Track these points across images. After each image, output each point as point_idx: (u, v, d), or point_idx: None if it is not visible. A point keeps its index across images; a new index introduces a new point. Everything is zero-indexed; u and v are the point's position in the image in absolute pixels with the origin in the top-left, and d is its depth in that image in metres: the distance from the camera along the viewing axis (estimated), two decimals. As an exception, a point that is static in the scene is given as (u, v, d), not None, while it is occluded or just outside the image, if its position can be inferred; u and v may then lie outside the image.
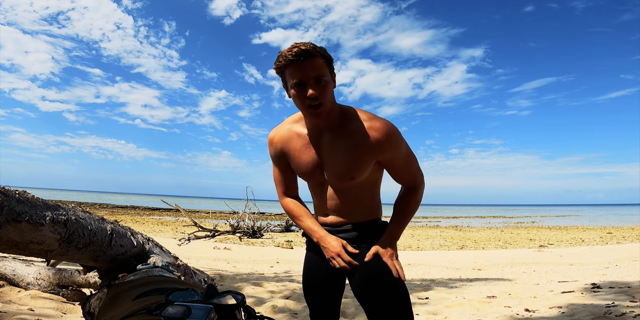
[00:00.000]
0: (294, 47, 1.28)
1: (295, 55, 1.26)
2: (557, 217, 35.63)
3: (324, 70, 1.30)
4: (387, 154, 1.36)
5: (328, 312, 1.54)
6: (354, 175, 1.37)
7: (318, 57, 1.29)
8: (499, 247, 10.98)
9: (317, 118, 1.34)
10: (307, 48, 1.27)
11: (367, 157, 1.35)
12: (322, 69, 1.30)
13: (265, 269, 6.03)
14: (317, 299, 1.53)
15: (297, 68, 1.28)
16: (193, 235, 10.99)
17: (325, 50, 1.32)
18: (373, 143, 1.33)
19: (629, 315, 2.62)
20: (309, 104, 1.30)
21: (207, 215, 21.73)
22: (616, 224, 22.72)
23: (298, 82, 1.29)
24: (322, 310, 1.54)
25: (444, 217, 35.43)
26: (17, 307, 2.51)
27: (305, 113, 1.35)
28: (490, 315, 3.03)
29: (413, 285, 4.53)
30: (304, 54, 1.26)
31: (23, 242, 1.39)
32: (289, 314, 3.01)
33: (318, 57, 1.29)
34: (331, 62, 1.35)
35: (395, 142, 1.36)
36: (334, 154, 1.38)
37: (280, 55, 1.31)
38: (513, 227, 20.65)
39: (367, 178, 1.41)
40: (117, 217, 19.14)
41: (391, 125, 1.36)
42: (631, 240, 12.05)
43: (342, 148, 1.36)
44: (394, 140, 1.35)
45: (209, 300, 0.88)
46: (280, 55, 1.31)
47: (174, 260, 2.18)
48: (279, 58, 1.31)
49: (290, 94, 1.34)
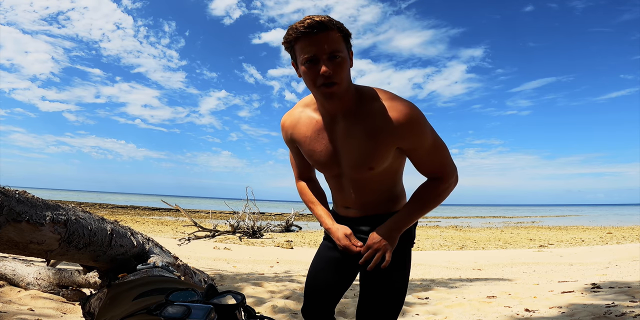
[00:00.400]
0: (307, 18, 1.12)
1: (308, 27, 1.10)
2: (557, 217, 35.61)
3: (340, 45, 1.14)
4: (410, 140, 1.19)
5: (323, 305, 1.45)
6: (372, 166, 1.23)
7: (334, 30, 1.13)
8: (499, 247, 10.97)
9: (331, 99, 1.17)
10: (321, 19, 1.11)
11: (387, 143, 1.19)
12: (337, 43, 1.13)
13: (265, 269, 6.02)
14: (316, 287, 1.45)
15: (310, 41, 1.12)
16: (193, 235, 10.99)
17: (342, 25, 1.16)
18: (393, 127, 1.16)
19: (629, 315, 2.62)
20: (322, 83, 1.14)
21: (207, 215, 21.72)
22: (616, 224, 22.70)
23: (310, 57, 1.13)
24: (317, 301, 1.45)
25: (444, 217, 35.40)
26: (17, 307, 2.51)
27: (318, 94, 1.19)
28: (490, 315, 3.03)
29: (413, 285, 4.53)
30: (317, 25, 1.10)
31: (23, 242, 1.39)
32: (289, 314, 3.00)
33: (334, 30, 1.13)
34: (349, 38, 1.18)
35: (419, 127, 1.18)
36: (349, 142, 1.23)
37: (290, 28, 1.14)
38: (513, 227, 20.63)
39: (388, 167, 1.27)
40: (117, 217, 19.13)
41: (415, 107, 1.19)
42: (631, 240, 12.04)
43: (359, 134, 1.21)
44: (417, 124, 1.18)
45: (209, 300, 0.88)
46: (290, 27, 1.14)
47: (174, 260, 2.18)
48: (289, 31, 1.15)
49: (301, 71, 1.18)
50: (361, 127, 1.20)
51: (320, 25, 1.10)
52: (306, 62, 1.14)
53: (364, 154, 1.22)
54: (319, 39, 1.11)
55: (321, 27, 1.11)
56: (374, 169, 1.24)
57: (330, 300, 1.47)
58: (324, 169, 1.34)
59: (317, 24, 1.10)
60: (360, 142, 1.21)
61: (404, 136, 1.18)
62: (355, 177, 1.29)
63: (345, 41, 1.16)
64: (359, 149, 1.22)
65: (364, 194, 1.33)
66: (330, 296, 1.46)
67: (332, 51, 1.12)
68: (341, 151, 1.26)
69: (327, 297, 1.46)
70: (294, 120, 1.34)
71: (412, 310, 3.22)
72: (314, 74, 1.14)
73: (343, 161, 1.28)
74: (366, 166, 1.24)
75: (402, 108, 1.17)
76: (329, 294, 1.46)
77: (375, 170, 1.24)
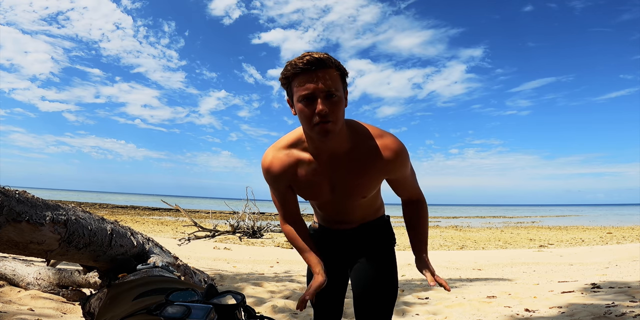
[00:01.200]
0: (305, 55, 1.12)
1: (307, 64, 1.10)
2: (557, 217, 35.61)
3: (337, 83, 1.14)
4: (398, 172, 1.31)
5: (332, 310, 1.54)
6: (365, 195, 1.34)
7: (332, 68, 1.13)
8: (499, 247, 10.97)
9: (326, 137, 1.15)
10: (320, 57, 1.11)
11: (379, 177, 1.31)
12: (335, 82, 1.13)
13: (265, 269, 6.03)
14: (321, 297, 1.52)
15: (308, 78, 1.11)
16: (193, 235, 10.99)
17: (340, 63, 1.16)
18: (386, 162, 1.26)
19: (629, 315, 2.62)
20: (318, 121, 1.12)
21: (207, 215, 21.72)
22: (616, 224, 22.70)
23: (307, 95, 1.11)
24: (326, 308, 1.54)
25: (444, 217, 35.41)
26: (17, 307, 2.51)
27: (312, 132, 1.17)
28: (490, 315, 3.03)
29: (413, 285, 4.53)
30: (316, 62, 1.10)
31: (23, 242, 1.39)
32: (289, 314, 3.01)
33: (332, 68, 1.13)
34: (346, 77, 1.18)
35: (406, 160, 1.30)
36: (345, 177, 1.29)
37: (288, 64, 1.14)
38: (513, 227, 20.63)
39: None
40: (117, 217, 19.12)
41: (401, 142, 1.29)
42: (631, 240, 12.04)
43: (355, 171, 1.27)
44: (405, 158, 1.29)
45: (209, 300, 0.88)
46: (288, 63, 1.14)
47: (174, 260, 2.18)
48: (287, 66, 1.14)
49: (296, 109, 1.16)
50: (356, 164, 1.27)
51: (319, 63, 1.10)
52: (303, 100, 1.13)
53: (358, 188, 1.31)
54: (317, 76, 1.10)
55: (320, 64, 1.10)
56: (366, 197, 1.36)
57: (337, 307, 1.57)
58: (317, 199, 1.40)
59: (316, 61, 1.10)
60: (356, 178, 1.29)
61: (395, 170, 1.30)
62: (348, 204, 1.39)
63: (342, 80, 1.17)
64: (354, 184, 1.30)
65: (355, 212, 1.45)
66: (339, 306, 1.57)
67: (329, 90, 1.11)
68: (337, 185, 1.32)
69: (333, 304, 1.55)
70: (284, 162, 1.30)
71: (412, 310, 3.22)
72: (310, 112, 1.13)
73: (337, 193, 1.34)
74: (360, 196, 1.34)
75: (393, 146, 1.26)
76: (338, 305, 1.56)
77: (366, 197, 1.36)
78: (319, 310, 1.55)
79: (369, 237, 1.48)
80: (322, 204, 1.44)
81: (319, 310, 1.55)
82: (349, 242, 1.50)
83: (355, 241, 1.49)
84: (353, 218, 1.46)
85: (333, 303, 1.54)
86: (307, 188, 1.34)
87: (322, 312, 1.54)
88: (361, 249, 1.47)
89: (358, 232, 1.48)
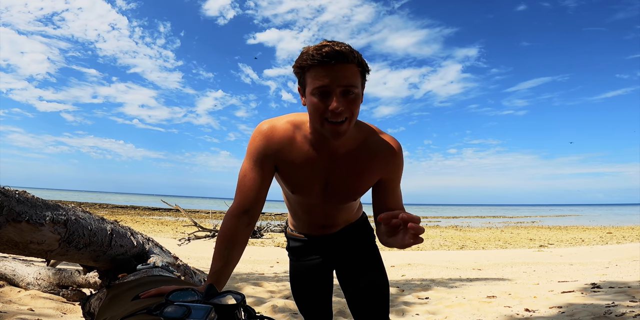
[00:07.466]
0: (324, 45, 1.00)
1: (326, 56, 0.98)
2: (557, 217, 35.60)
3: (356, 80, 1.02)
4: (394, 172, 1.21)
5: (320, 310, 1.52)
6: (357, 198, 1.28)
7: (353, 64, 1.01)
8: (499, 247, 10.97)
9: (335, 138, 1.06)
10: (341, 49, 0.99)
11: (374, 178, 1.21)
12: (354, 78, 1.02)
13: (265, 269, 6.02)
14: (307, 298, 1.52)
15: (325, 71, 0.99)
16: (193, 235, 10.98)
17: (362, 58, 1.04)
18: (384, 161, 1.18)
19: (629, 315, 2.62)
20: (330, 119, 1.03)
21: (207, 215, 21.71)
22: (616, 224, 22.69)
23: (322, 89, 1.01)
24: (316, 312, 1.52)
25: (444, 217, 35.40)
26: (17, 307, 2.51)
27: (322, 128, 1.06)
28: (490, 315, 3.03)
29: (413, 285, 4.53)
30: (336, 55, 0.98)
31: (23, 242, 1.39)
32: (289, 314, 3.01)
33: (353, 63, 1.01)
34: (366, 73, 1.06)
35: (402, 160, 1.22)
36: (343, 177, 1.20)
37: (304, 53, 1.02)
38: (513, 227, 20.63)
39: None
40: (117, 217, 19.11)
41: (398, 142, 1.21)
42: (631, 240, 12.04)
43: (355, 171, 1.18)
44: (402, 158, 1.21)
45: (209, 300, 0.88)
46: (304, 52, 1.03)
47: (174, 260, 2.18)
48: (303, 55, 1.03)
49: (307, 101, 1.05)
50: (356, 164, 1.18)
51: (340, 56, 0.98)
52: (317, 93, 1.02)
53: (353, 190, 1.23)
54: (335, 70, 0.99)
55: (340, 58, 0.99)
56: (356, 199, 1.31)
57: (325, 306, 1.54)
58: (304, 196, 1.26)
59: (336, 53, 0.98)
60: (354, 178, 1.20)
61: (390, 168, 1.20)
62: (336, 206, 1.32)
63: (362, 77, 1.05)
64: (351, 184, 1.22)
65: (341, 215, 1.40)
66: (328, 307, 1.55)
67: (347, 86, 1.01)
68: (329, 185, 1.22)
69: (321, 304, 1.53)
70: (283, 139, 1.16)
71: (412, 310, 3.22)
72: (323, 107, 1.02)
73: (330, 193, 1.24)
74: (351, 199, 1.27)
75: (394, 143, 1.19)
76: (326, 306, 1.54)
77: (356, 199, 1.31)
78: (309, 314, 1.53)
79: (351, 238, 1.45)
80: (308, 207, 1.33)
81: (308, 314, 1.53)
82: (332, 246, 1.47)
83: (339, 244, 1.46)
84: (338, 221, 1.41)
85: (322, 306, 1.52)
86: (296, 178, 1.20)
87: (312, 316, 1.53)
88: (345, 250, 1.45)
89: (341, 235, 1.44)
